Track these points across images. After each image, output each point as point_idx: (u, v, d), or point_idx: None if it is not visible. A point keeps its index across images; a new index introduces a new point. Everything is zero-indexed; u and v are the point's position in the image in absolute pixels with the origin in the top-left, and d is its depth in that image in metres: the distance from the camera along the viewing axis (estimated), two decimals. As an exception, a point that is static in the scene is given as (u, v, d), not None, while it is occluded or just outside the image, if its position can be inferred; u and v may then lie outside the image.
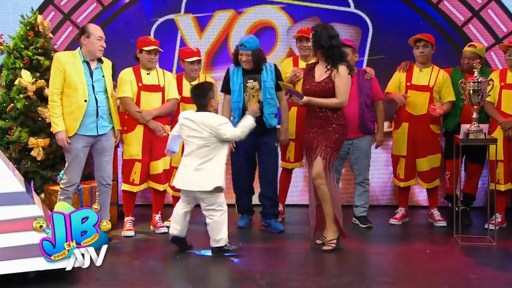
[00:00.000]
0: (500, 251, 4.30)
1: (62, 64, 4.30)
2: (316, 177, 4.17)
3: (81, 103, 4.30)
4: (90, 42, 4.35)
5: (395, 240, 4.64)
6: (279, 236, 4.79)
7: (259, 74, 4.76)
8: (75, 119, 4.30)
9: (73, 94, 4.30)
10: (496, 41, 5.70)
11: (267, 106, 4.74)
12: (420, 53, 4.95)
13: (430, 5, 5.75)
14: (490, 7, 5.70)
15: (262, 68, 4.77)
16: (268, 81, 4.76)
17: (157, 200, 4.93)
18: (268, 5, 5.87)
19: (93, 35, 4.35)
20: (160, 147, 4.75)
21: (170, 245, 4.26)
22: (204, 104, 4.15)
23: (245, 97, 4.79)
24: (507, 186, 4.85)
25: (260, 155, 4.90)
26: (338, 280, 3.64)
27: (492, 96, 4.73)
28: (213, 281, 3.67)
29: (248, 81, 4.78)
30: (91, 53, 4.36)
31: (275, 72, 4.83)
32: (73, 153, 4.35)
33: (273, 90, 4.78)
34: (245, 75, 4.78)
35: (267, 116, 4.75)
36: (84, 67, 4.35)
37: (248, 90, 4.79)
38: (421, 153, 5.01)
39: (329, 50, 4.17)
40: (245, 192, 5.00)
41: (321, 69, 4.23)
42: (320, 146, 4.19)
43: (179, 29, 5.91)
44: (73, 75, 4.30)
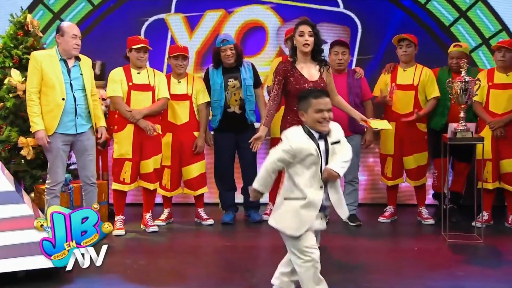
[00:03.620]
0: (487, 249, 4.33)
1: (39, 63, 4.26)
2: None
3: (59, 101, 4.25)
4: (65, 41, 4.31)
5: (384, 238, 4.65)
6: (268, 232, 4.80)
7: (239, 73, 4.93)
8: (54, 118, 4.25)
9: (50, 92, 4.25)
10: (483, 41, 5.74)
11: (248, 103, 4.94)
12: (404, 52, 4.97)
13: (418, 5, 5.78)
14: (478, 8, 5.74)
15: (240, 66, 4.92)
16: (247, 79, 4.93)
17: (147, 199, 4.91)
18: (258, 5, 5.87)
19: (67, 33, 4.30)
20: (151, 146, 4.76)
21: (160, 244, 4.25)
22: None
23: (226, 95, 4.93)
24: (495, 185, 4.88)
25: (241, 151, 5.04)
26: (328, 277, 3.62)
27: (480, 96, 4.76)
28: (203, 278, 3.66)
29: (229, 80, 4.93)
30: (66, 52, 4.31)
31: (253, 70, 5.01)
32: (53, 152, 4.32)
33: (252, 87, 4.97)
34: (225, 74, 4.93)
35: (248, 112, 4.95)
36: (62, 65, 4.31)
37: (229, 89, 4.93)
38: (408, 151, 5.04)
39: (320, 50, 4.10)
40: (229, 188, 5.14)
41: (309, 68, 4.06)
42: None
43: (170, 29, 5.89)
44: (50, 74, 4.26)
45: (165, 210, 5.13)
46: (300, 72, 4.03)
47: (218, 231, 4.90)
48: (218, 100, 4.94)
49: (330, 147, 2.95)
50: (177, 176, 5.05)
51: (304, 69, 4.04)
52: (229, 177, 5.13)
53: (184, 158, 5.00)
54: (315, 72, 4.05)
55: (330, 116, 2.95)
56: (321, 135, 2.94)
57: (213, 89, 4.96)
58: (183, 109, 4.96)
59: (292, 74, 4.03)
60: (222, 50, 4.87)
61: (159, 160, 4.86)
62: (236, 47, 4.92)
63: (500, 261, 4.06)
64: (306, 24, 4.00)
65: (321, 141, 2.93)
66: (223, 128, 5.00)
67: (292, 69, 4.04)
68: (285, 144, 2.94)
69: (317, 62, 4.07)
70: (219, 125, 5.00)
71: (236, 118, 4.96)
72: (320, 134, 2.94)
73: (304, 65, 4.05)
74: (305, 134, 2.94)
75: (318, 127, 2.93)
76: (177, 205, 5.39)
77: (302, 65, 4.05)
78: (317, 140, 2.93)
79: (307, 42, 3.97)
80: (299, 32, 4.00)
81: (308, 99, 2.99)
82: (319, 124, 2.93)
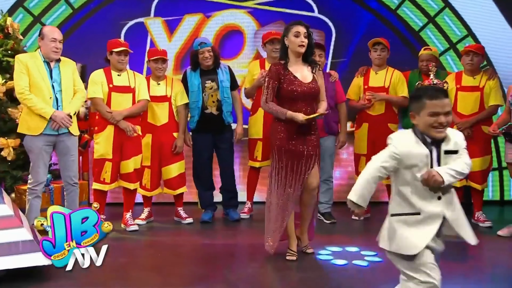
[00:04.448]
0: (453, 244, 4.39)
1: (24, 64, 4.22)
2: (315, 188, 3.91)
3: (47, 100, 4.23)
4: (44, 44, 4.28)
5: (357, 235, 4.70)
6: (246, 230, 4.84)
7: (216, 75, 4.95)
8: (42, 118, 4.22)
9: (39, 93, 4.22)
10: (450, 45, 5.85)
11: (225, 104, 4.96)
12: (378, 56, 5.05)
13: (390, 11, 5.86)
14: (445, 14, 5.85)
15: (217, 68, 4.94)
16: (224, 81, 4.96)
17: (128, 198, 4.89)
18: (236, 9, 5.89)
19: (46, 36, 4.28)
20: (131, 147, 4.75)
21: (140, 242, 4.24)
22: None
23: (204, 97, 4.94)
24: (462, 183, 4.97)
25: (219, 151, 5.08)
26: (305, 274, 3.69)
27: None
28: (182, 275, 3.66)
29: (207, 82, 4.95)
30: (46, 55, 4.29)
31: (230, 73, 5.04)
32: (35, 152, 4.27)
33: (229, 89, 4.99)
34: (203, 76, 4.96)
35: (225, 113, 4.98)
36: (45, 67, 4.29)
37: (206, 90, 4.95)
38: (380, 151, 5.09)
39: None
40: (207, 188, 5.15)
41: (302, 70, 3.88)
42: (313, 154, 3.88)
43: (149, 32, 5.88)
44: (36, 75, 4.23)
45: (145, 209, 5.12)
46: (294, 74, 3.84)
47: (197, 229, 4.90)
48: (196, 102, 4.95)
49: (443, 156, 2.44)
50: (157, 176, 5.04)
51: (297, 71, 3.87)
52: (207, 177, 5.14)
53: (163, 159, 4.99)
54: (308, 74, 3.88)
55: (448, 121, 2.43)
56: (434, 140, 2.43)
57: (191, 91, 4.97)
58: (163, 111, 4.95)
59: (284, 76, 3.84)
60: (200, 53, 4.89)
61: (139, 160, 4.85)
62: (214, 50, 4.95)
63: (467, 256, 4.14)
64: (301, 25, 3.84)
65: (434, 147, 2.43)
66: (201, 129, 5.01)
67: (284, 72, 3.85)
68: (390, 148, 2.50)
69: (309, 64, 3.91)
70: (197, 126, 5.02)
71: (213, 119, 4.98)
72: (434, 139, 2.43)
73: (296, 67, 3.87)
74: (415, 137, 2.45)
75: (431, 132, 2.41)
76: (157, 204, 5.38)
77: (294, 67, 3.87)
78: (430, 145, 2.43)
79: (303, 43, 3.80)
80: (294, 32, 3.80)
81: (421, 99, 2.44)
82: (433, 129, 2.41)
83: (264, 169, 5.47)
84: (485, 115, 4.85)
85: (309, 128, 3.87)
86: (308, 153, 3.84)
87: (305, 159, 3.84)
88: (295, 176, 3.84)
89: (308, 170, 3.86)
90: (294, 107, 3.79)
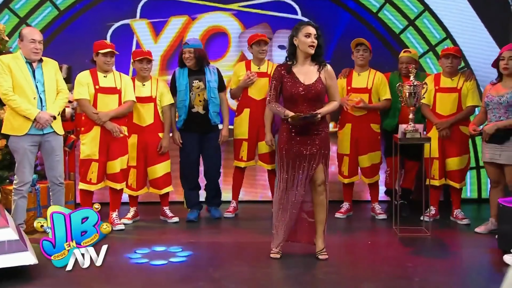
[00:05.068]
0: (433, 241, 4.46)
1: (6, 65, 4.18)
2: (321, 184, 3.85)
3: (32, 101, 4.20)
4: (24, 45, 4.24)
5: (339, 233, 4.73)
6: (231, 229, 4.84)
7: (204, 75, 4.96)
8: (27, 119, 4.19)
9: (22, 94, 4.18)
10: (430, 48, 5.91)
11: (211, 104, 4.96)
12: (360, 56, 5.08)
13: (371, 14, 5.90)
14: (425, 17, 5.90)
15: (204, 69, 4.96)
16: (212, 82, 4.97)
17: (114, 198, 4.87)
18: (221, 11, 5.88)
19: (26, 38, 4.24)
20: (117, 147, 4.73)
21: (126, 241, 4.22)
22: None
23: (191, 96, 4.96)
24: (441, 182, 5.03)
25: (205, 151, 5.08)
26: (287, 271, 3.70)
27: (427, 99, 4.90)
28: (168, 274, 3.65)
29: (194, 81, 4.96)
30: (27, 56, 4.25)
31: (218, 74, 5.04)
32: (21, 153, 4.24)
33: (216, 90, 5.00)
34: (191, 75, 4.97)
35: (212, 113, 4.98)
36: (28, 67, 4.25)
37: (194, 90, 4.96)
38: (362, 151, 5.14)
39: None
40: (193, 187, 5.15)
41: (307, 71, 3.83)
42: (318, 153, 3.82)
43: (135, 34, 5.84)
44: (19, 76, 4.19)
45: (131, 208, 5.09)
46: (296, 75, 3.81)
47: (183, 228, 4.89)
48: (183, 100, 4.96)
49: None
50: (143, 175, 5.02)
51: (300, 72, 3.82)
52: (194, 176, 5.13)
53: (149, 159, 4.98)
54: (313, 75, 3.82)
55: None
56: None
57: (179, 90, 4.98)
58: (148, 111, 4.94)
59: (287, 78, 3.82)
60: (183, 52, 4.95)
61: (125, 160, 4.83)
62: (197, 51, 4.92)
63: (446, 253, 4.20)
64: (312, 26, 3.80)
65: None
66: (188, 128, 5.01)
67: (287, 73, 3.83)
68: None
69: (316, 63, 3.84)
70: (184, 125, 5.02)
71: (200, 118, 4.98)
72: None
73: (302, 67, 3.84)
74: None
75: None
76: (143, 204, 5.35)
77: (300, 67, 3.84)
78: None
79: (313, 44, 3.76)
80: (305, 33, 3.75)
81: None
82: None
83: (248, 169, 5.50)
84: (463, 116, 4.91)
85: (313, 128, 3.81)
86: (312, 153, 3.80)
87: (308, 159, 3.81)
88: (297, 176, 3.82)
89: (311, 169, 3.82)
90: (296, 108, 3.78)
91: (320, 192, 3.88)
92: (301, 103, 3.79)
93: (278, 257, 3.91)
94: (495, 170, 4.52)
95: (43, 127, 4.21)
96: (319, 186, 3.86)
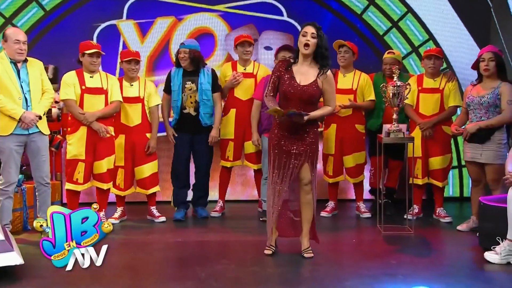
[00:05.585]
0: (417, 239, 4.50)
1: None
2: (307, 183, 3.85)
3: (17, 101, 4.16)
4: (8, 46, 4.21)
5: (325, 231, 4.72)
6: (218, 229, 4.83)
7: (197, 76, 4.94)
8: (12, 118, 4.14)
9: (7, 94, 4.15)
10: (413, 49, 5.96)
11: (203, 106, 4.95)
12: (342, 57, 5.10)
13: (356, 15, 5.93)
14: (408, 19, 5.95)
15: (200, 70, 4.93)
16: (204, 84, 4.94)
17: (101, 198, 4.84)
18: (207, 12, 5.87)
19: (10, 39, 4.21)
20: (104, 147, 4.70)
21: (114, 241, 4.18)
22: None
23: (183, 97, 4.94)
24: (424, 181, 5.07)
25: (196, 151, 5.07)
26: (274, 269, 3.71)
27: (410, 99, 4.94)
28: (155, 274, 3.64)
29: (187, 83, 4.95)
30: (11, 57, 4.21)
31: (212, 76, 5.01)
32: (6, 153, 4.20)
33: (209, 92, 4.98)
34: (184, 76, 4.95)
35: (202, 115, 4.96)
36: (13, 67, 4.21)
37: (186, 91, 4.94)
38: (347, 151, 5.17)
39: (325, 54, 3.80)
40: (182, 186, 5.14)
41: (306, 71, 3.79)
42: (305, 152, 3.82)
43: (122, 34, 5.81)
44: (4, 76, 4.16)
45: (118, 208, 5.06)
46: (293, 74, 3.78)
47: (170, 228, 4.88)
48: (176, 101, 4.97)
49: None
50: (130, 175, 4.99)
51: (299, 71, 3.79)
52: (184, 175, 5.11)
53: (136, 159, 4.95)
54: (310, 76, 3.77)
55: None
56: None
57: (173, 90, 4.99)
58: (136, 112, 4.91)
59: (284, 75, 3.80)
60: (179, 52, 4.94)
61: (112, 160, 4.80)
62: (192, 52, 4.90)
63: (429, 250, 4.24)
64: (311, 25, 3.76)
65: None
66: (180, 128, 5.02)
67: (285, 70, 3.80)
68: None
69: (318, 66, 3.79)
70: (176, 125, 5.02)
71: (191, 119, 4.97)
72: None
73: (301, 67, 3.80)
74: None
75: None
76: (130, 203, 5.32)
77: (299, 66, 3.80)
78: None
79: (308, 43, 3.72)
80: (302, 32, 3.76)
81: None
82: None
83: (235, 169, 5.50)
84: (445, 116, 4.95)
85: (302, 128, 3.79)
86: (299, 152, 3.81)
87: (294, 156, 3.81)
88: (283, 172, 3.82)
89: (296, 167, 3.82)
90: (288, 107, 3.74)
91: (307, 191, 3.88)
92: (294, 102, 3.77)
93: (270, 253, 3.92)
94: (476, 169, 4.58)
95: (28, 126, 4.17)
96: (305, 185, 3.87)
